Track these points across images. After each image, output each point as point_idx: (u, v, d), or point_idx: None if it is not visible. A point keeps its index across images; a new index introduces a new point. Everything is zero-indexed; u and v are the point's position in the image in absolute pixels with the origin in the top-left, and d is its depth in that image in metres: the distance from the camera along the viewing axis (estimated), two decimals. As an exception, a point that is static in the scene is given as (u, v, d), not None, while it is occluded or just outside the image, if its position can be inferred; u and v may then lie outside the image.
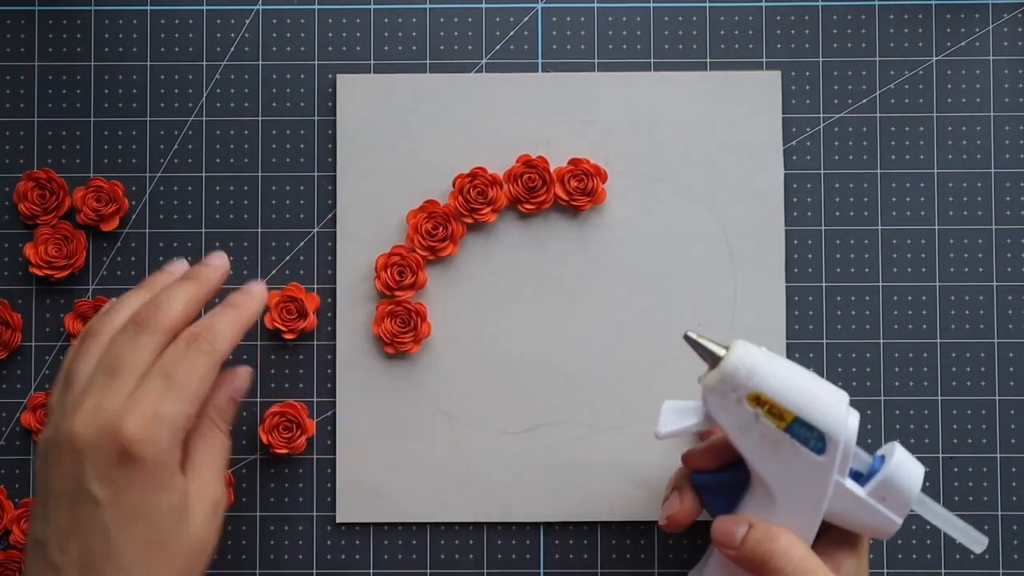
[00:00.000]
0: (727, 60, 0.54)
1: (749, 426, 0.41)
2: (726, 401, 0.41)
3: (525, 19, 0.54)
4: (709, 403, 0.42)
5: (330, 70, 0.54)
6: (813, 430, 0.41)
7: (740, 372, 0.41)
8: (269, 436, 0.52)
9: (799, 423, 0.41)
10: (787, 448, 0.41)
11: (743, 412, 0.41)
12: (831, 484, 0.42)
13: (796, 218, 0.53)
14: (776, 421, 0.41)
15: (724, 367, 0.41)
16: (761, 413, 0.41)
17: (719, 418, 0.42)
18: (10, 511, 0.52)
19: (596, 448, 0.52)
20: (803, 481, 0.42)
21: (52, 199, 0.53)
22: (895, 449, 0.43)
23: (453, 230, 0.52)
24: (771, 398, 0.41)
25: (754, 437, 0.42)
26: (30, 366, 0.53)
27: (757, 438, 0.42)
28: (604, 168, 0.53)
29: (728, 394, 0.41)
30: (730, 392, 0.41)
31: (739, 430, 0.42)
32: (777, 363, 0.42)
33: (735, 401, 0.41)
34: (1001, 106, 0.54)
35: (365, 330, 0.53)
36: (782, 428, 0.41)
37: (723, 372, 0.41)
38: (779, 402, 0.41)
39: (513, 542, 0.53)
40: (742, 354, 0.41)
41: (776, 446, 0.41)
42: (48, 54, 0.54)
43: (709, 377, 0.42)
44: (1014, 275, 0.53)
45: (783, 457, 0.41)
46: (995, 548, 0.52)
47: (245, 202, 0.54)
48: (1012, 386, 0.53)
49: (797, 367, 0.42)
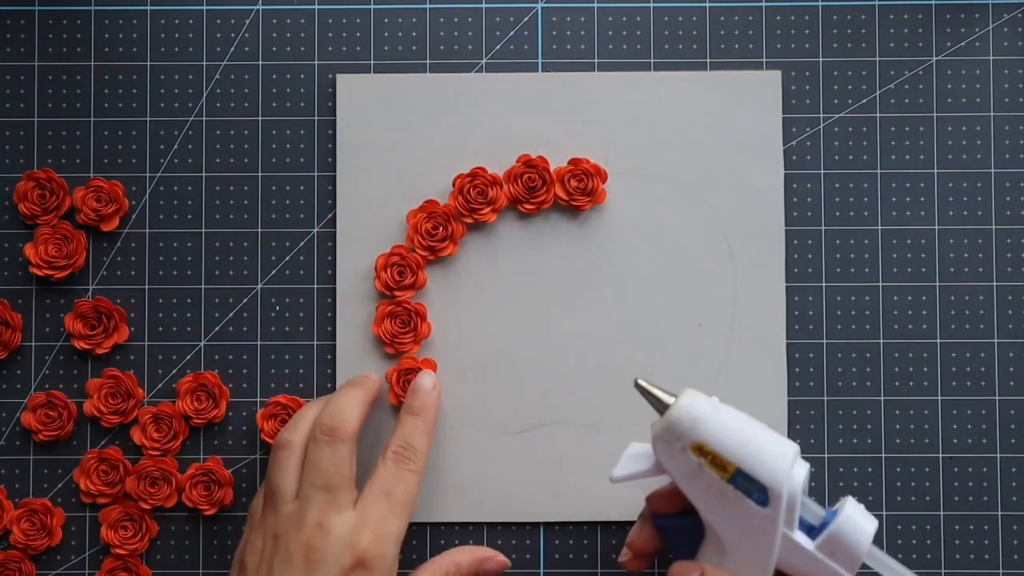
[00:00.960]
0: (727, 60, 0.54)
1: (695, 475, 0.42)
2: (672, 449, 0.42)
3: (525, 19, 0.54)
4: (657, 451, 0.43)
5: (330, 70, 0.54)
6: (755, 482, 0.41)
7: (684, 422, 0.42)
8: (265, 423, 0.52)
9: (741, 475, 0.41)
10: (732, 499, 0.42)
11: (688, 461, 0.42)
12: (778, 536, 0.42)
13: (796, 218, 0.53)
14: (719, 472, 0.42)
15: (669, 416, 0.42)
16: (704, 463, 0.42)
17: (667, 466, 0.43)
18: (10, 511, 0.52)
19: (596, 448, 0.52)
20: (750, 532, 0.42)
21: (52, 199, 0.53)
22: (846, 503, 0.43)
23: (453, 230, 0.52)
24: (713, 449, 0.42)
25: (700, 486, 0.42)
26: (30, 366, 0.53)
27: (703, 487, 0.42)
28: (604, 168, 0.53)
29: (673, 443, 0.42)
30: (675, 441, 0.42)
31: (686, 478, 0.43)
32: (723, 414, 0.42)
33: (680, 450, 0.42)
34: (1001, 106, 0.54)
35: (365, 330, 0.53)
36: (725, 479, 0.42)
37: (667, 421, 0.42)
38: (721, 453, 0.41)
39: (513, 542, 0.53)
40: (687, 404, 0.42)
41: (722, 496, 0.42)
42: (48, 54, 0.54)
43: (656, 425, 0.43)
44: (1014, 275, 0.53)
45: (729, 508, 0.42)
46: (995, 548, 0.52)
47: (245, 202, 0.54)
48: (1012, 386, 0.53)
49: (745, 418, 0.43)
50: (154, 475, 0.52)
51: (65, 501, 0.53)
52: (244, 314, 0.53)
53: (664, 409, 0.43)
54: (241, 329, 0.53)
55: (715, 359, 0.53)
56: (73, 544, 0.53)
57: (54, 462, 0.53)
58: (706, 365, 0.53)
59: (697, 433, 0.42)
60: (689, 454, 0.42)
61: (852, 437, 0.53)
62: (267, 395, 0.53)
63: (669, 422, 0.42)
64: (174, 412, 0.52)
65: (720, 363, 0.53)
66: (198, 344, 0.53)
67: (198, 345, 0.53)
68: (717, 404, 0.43)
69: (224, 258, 0.53)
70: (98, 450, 0.52)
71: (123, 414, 0.52)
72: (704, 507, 0.43)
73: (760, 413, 0.52)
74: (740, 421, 0.42)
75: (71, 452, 0.53)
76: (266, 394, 0.53)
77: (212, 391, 0.52)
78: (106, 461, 0.52)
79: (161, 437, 0.52)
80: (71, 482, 0.53)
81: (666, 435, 0.42)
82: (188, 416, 0.52)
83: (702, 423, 0.42)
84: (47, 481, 0.53)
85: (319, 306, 0.53)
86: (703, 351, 0.53)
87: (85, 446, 0.53)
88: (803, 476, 0.42)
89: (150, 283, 0.53)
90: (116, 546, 0.52)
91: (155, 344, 0.53)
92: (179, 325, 0.53)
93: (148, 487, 0.52)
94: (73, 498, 0.53)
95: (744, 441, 0.42)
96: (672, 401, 0.43)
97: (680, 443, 0.42)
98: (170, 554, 0.53)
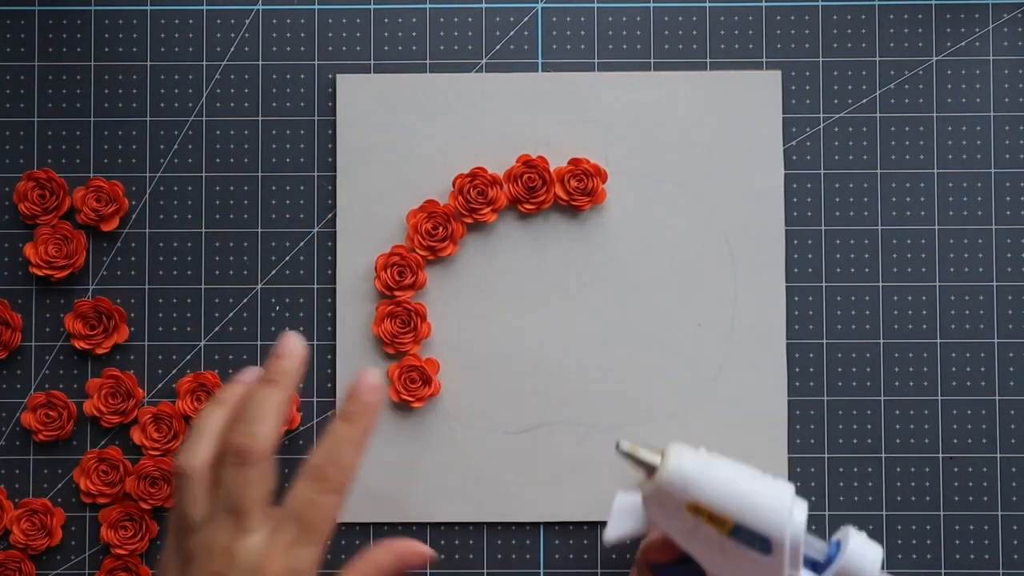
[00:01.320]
0: (727, 60, 0.54)
1: (692, 532, 0.41)
2: (666, 511, 0.41)
3: (525, 19, 0.54)
4: (650, 512, 0.42)
5: (330, 70, 0.54)
6: (755, 534, 0.41)
7: (675, 484, 0.41)
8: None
9: (740, 528, 0.41)
10: (733, 551, 0.41)
11: (684, 519, 0.41)
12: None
13: (796, 218, 0.53)
14: (718, 528, 0.41)
15: (659, 479, 0.41)
16: (702, 521, 0.41)
17: (661, 524, 0.42)
18: (10, 511, 0.52)
19: (596, 448, 0.52)
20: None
21: (52, 199, 0.53)
22: (849, 534, 0.43)
23: (453, 230, 0.52)
24: (708, 507, 0.41)
25: (699, 541, 0.41)
26: (30, 366, 0.53)
27: (702, 541, 0.41)
28: (604, 168, 0.53)
29: (667, 505, 0.41)
30: (669, 503, 0.41)
31: (683, 535, 0.42)
32: (714, 470, 0.41)
33: (674, 509, 0.41)
34: (1001, 106, 0.54)
35: (365, 330, 0.53)
36: (725, 534, 0.41)
37: (658, 484, 0.41)
38: (717, 511, 0.41)
39: (513, 542, 0.53)
40: (676, 464, 0.41)
41: (722, 550, 0.41)
42: (48, 54, 0.54)
43: (645, 488, 0.42)
44: (1014, 275, 0.53)
45: (732, 559, 0.41)
46: (995, 548, 0.52)
47: (245, 202, 0.54)
48: (1012, 386, 0.53)
49: (736, 469, 0.42)
50: (154, 475, 0.52)
51: (65, 501, 0.53)
52: (244, 314, 0.53)
53: (652, 471, 0.41)
54: (241, 329, 0.53)
55: (715, 359, 0.53)
56: (73, 544, 0.53)
57: (54, 462, 0.53)
58: (706, 365, 0.53)
59: (691, 494, 0.41)
60: (685, 513, 0.41)
61: (852, 437, 0.53)
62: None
63: (660, 485, 0.41)
64: (174, 412, 0.52)
65: (720, 363, 0.53)
66: (198, 344, 0.53)
67: (198, 345, 0.53)
68: (706, 459, 0.42)
69: (224, 258, 0.53)
70: (98, 450, 0.52)
71: (123, 414, 0.52)
72: (705, 561, 0.42)
73: (760, 413, 0.52)
74: (732, 473, 0.41)
75: (71, 452, 0.53)
76: (266, 394, 0.53)
77: (212, 391, 0.52)
78: (106, 461, 0.52)
79: (161, 437, 0.52)
80: (71, 482, 0.53)
81: (658, 497, 0.41)
82: (188, 416, 0.52)
83: (694, 484, 0.41)
84: (47, 481, 0.53)
85: (319, 306, 0.53)
86: (703, 351, 0.53)
87: (85, 446, 0.53)
88: (803, 518, 0.41)
89: (150, 283, 0.53)
90: (116, 546, 0.52)
91: (155, 344, 0.53)
92: (179, 325, 0.53)
93: (148, 487, 0.52)
94: (73, 498, 0.53)
95: (739, 494, 0.41)
96: (658, 462, 0.41)
97: (674, 504, 0.41)
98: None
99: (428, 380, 0.52)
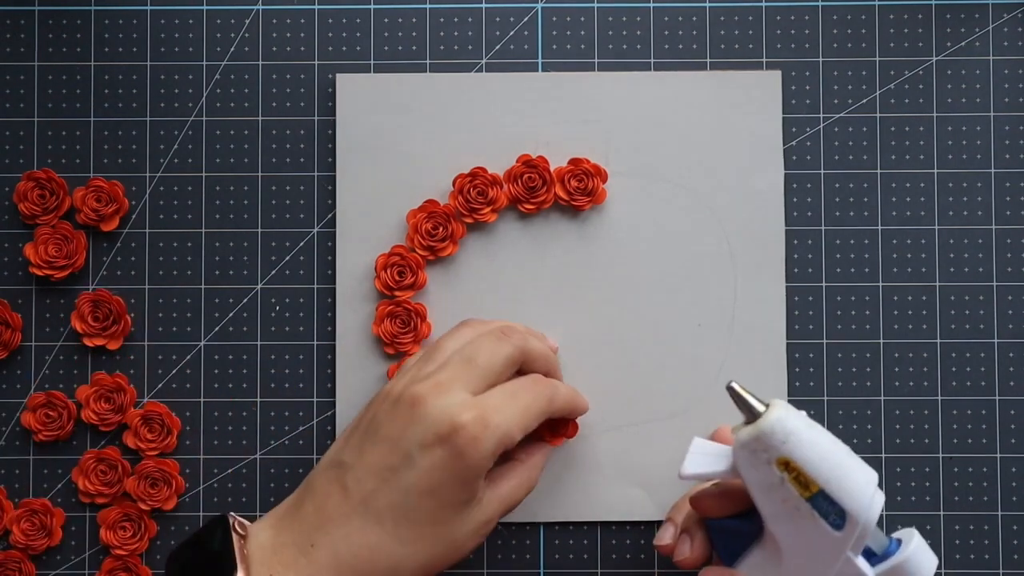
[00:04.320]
0: (727, 60, 0.54)
1: (773, 488, 0.41)
2: (755, 460, 0.41)
3: (525, 19, 0.54)
4: (738, 457, 0.41)
5: (330, 70, 0.54)
6: (835, 505, 0.40)
7: (776, 434, 0.40)
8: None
9: (823, 496, 0.40)
10: (806, 517, 0.41)
11: (770, 474, 0.41)
12: (842, 558, 0.41)
13: (796, 218, 0.53)
14: (800, 489, 0.40)
15: (761, 426, 0.41)
16: (787, 478, 0.40)
17: (744, 473, 0.42)
18: (10, 511, 0.52)
19: (596, 448, 0.52)
20: (815, 551, 0.41)
21: (52, 199, 0.53)
22: (913, 536, 0.43)
23: (453, 230, 0.52)
24: (800, 466, 0.40)
25: (776, 499, 0.41)
26: (30, 366, 0.53)
27: (779, 500, 0.41)
28: (604, 168, 0.53)
29: (759, 453, 0.41)
30: (761, 452, 0.41)
31: (762, 489, 0.41)
32: (814, 432, 0.41)
33: (764, 461, 0.41)
34: (1001, 106, 0.54)
35: (365, 330, 0.53)
36: (805, 497, 0.40)
37: (759, 430, 0.41)
38: (807, 471, 0.40)
39: (513, 542, 0.53)
40: (781, 415, 0.41)
41: (796, 512, 0.41)
42: (48, 54, 0.54)
43: (743, 432, 0.41)
44: (1014, 275, 0.53)
45: (800, 524, 0.41)
46: (995, 548, 0.52)
47: (245, 202, 0.54)
48: (1012, 386, 0.53)
49: (833, 439, 0.41)
50: (155, 476, 0.52)
51: (65, 501, 0.53)
52: (244, 314, 0.53)
53: (754, 417, 0.41)
54: (241, 329, 0.53)
55: (715, 359, 0.53)
56: (73, 544, 0.53)
57: (54, 462, 0.53)
58: (706, 365, 0.53)
59: (788, 448, 0.40)
60: (773, 467, 0.41)
61: (852, 437, 0.53)
62: (267, 395, 0.53)
63: (761, 432, 0.40)
64: (163, 410, 0.52)
65: (720, 363, 0.53)
66: (198, 344, 0.53)
67: (198, 345, 0.53)
68: (809, 421, 0.41)
69: (224, 258, 0.53)
70: (97, 450, 0.52)
71: (121, 411, 0.52)
72: (772, 519, 0.42)
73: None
74: (829, 442, 0.41)
75: (71, 452, 0.53)
76: (266, 395, 0.53)
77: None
78: (104, 461, 0.52)
79: (155, 437, 0.52)
80: (71, 482, 0.53)
81: (753, 444, 0.41)
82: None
83: (794, 438, 0.40)
84: (47, 481, 0.53)
85: (319, 306, 0.53)
86: (703, 351, 0.53)
87: (85, 446, 0.53)
88: (881, 504, 0.41)
89: (150, 283, 0.53)
90: (116, 547, 0.52)
91: (155, 344, 0.53)
92: (179, 325, 0.53)
93: (148, 488, 0.52)
94: (73, 498, 0.53)
95: (832, 463, 0.40)
96: (763, 410, 0.41)
97: (767, 455, 0.41)
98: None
99: (428, 380, 0.52)
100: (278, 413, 0.53)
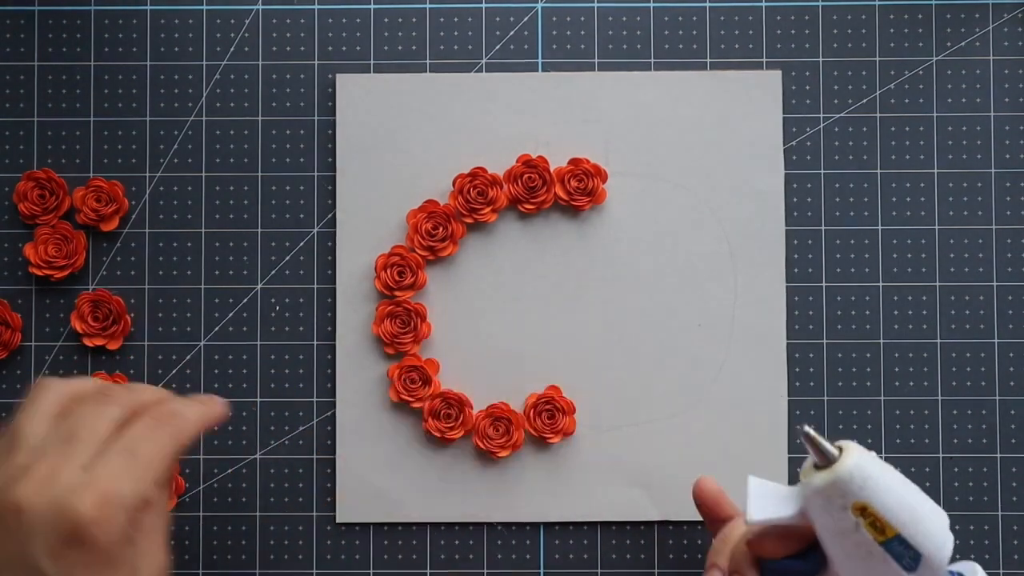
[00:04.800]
0: (727, 60, 0.54)
1: (846, 533, 0.40)
2: (829, 505, 0.40)
3: (525, 19, 0.54)
4: (811, 503, 0.40)
5: (330, 70, 0.54)
6: (911, 549, 0.40)
7: (855, 481, 0.39)
8: None
9: (899, 540, 0.39)
10: (878, 560, 0.40)
11: (844, 519, 0.40)
12: None
13: (796, 218, 0.53)
14: (876, 534, 0.40)
15: (838, 472, 0.39)
16: (863, 523, 0.39)
17: (816, 518, 0.41)
18: (10, 511, 0.52)
19: (596, 448, 0.52)
20: None
21: (52, 199, 0.53)
22: (976, 572, 0.42)
23: (453, 230, 0.52)
24: (877, 511, 0.39)
25: (847, 544, 0.40)
26: (30, 366, 0.53)
27: (851, 545, 0.40)
28: (604, 168, 0.53)
29: (834, 499, 0.40)
30: (837, 498, 0.40)
31: (834, 534, 0.40)
32: (889, 476, 0.40)
33: (839, 507, 0.40)
34: (1001, 106, 0.54)
35: (365, 330, 0.53)
36: (880, 542, 0.40)
37: (836, 476, 0.39)
38: (885, 517, 0.39)
39: (513, 542, 0.53)
40: (858, 461, 0.40)
41: (868, 557, 0.40)
42: (48, 54, 0.54)
43: (818, 478, 0.40)
44: (1014, 275, 0.53)
45: (871, 566, 0.40)
46: (995, 548, 0.52)
47: (245, 202, 0.54)
48: (1012, 386, 0.53)
49: (904, 481, 0.41)
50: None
51: (65, 501, 0.53)
52: (244, 314, 0.53)
53: (828, 462, 0.40)
54: (241, 329, 0.53)
55: (715, 359, 0.53)
56: (73, 544, 0.53)
57: (54, 462, 0.53)
58: (706, 365, 0.53)
59: (866, 494, 0.39)
60: (848, 512, 0.39)
61: (852, 437, 0.53)
62: (267, 395, 0.53)
63: (838, 478, 0.39)
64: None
65: (720, 363, 0.53)
66: (198, 344, 0.53)
67: (198, 345, 0.53)
68: (882, 463, 0.40)
69: (224, 258, 0.53)
70: (98, 450, 0.52)
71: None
72: (843, 563, 0.41)
73: (760, 413, 0.52)
74: (903, 485, 0.40)
75: (71, 452, 0.53)
76: (266, 394, 0.53)
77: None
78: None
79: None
80: (71, 482, 0.53)
81: (829, 490, 0.40)
82: None
83: (872, 483, 0.39)
84: (47, 481, 0.53)
85: (319, 306, 0.53)
86: (703, 351, 0.53)
87: (85, 446, 0.53)
88: (951, 546, 0.40)
89: (150, 283, 0.53)
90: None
91: (155, 344, 0.53)
92: (179, 325, 0.53)
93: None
94: (73, 498, 0.53)
95: (909, 506, 0.40)
96: (838, 455, 0.40)
97: (842, 500, 0.39)
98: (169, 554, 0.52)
99: (428, 380, 0.52)
100: (278, 413, 0.53)
